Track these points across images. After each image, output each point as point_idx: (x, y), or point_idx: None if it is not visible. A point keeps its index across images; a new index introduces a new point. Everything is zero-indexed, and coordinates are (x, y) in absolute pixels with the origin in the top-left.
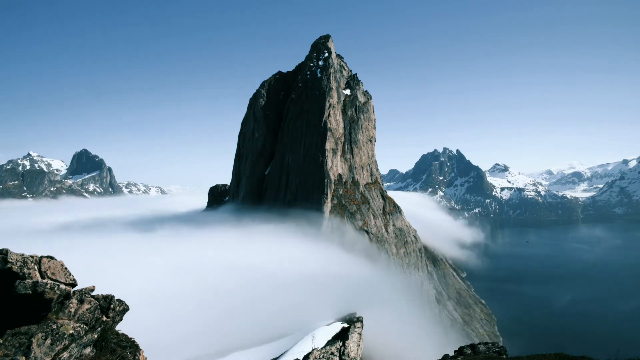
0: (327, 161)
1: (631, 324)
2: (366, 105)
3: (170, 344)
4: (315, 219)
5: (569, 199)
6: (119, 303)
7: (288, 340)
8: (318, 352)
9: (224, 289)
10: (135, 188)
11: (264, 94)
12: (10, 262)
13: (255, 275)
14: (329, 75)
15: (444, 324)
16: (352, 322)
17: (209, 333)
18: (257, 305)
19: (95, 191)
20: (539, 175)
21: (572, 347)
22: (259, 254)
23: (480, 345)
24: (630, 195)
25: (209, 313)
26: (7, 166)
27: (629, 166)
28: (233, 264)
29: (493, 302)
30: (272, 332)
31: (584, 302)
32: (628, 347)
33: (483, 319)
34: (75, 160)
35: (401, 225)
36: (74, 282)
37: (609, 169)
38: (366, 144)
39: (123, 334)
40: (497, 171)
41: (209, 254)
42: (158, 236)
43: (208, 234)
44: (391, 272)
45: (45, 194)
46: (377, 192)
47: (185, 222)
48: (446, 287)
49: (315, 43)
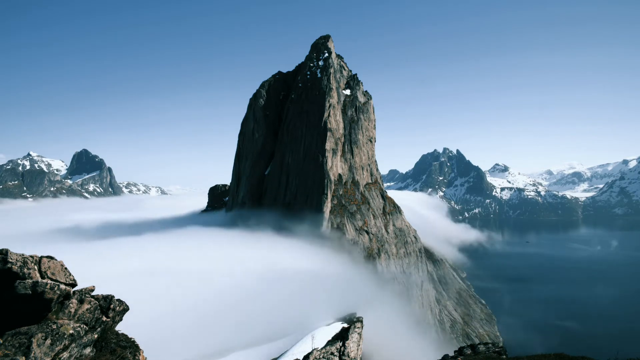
0: (327, 161)
1: (631, 324)
2: (366, 105)
3: (170, 344)
4: (314, 219)
5: (569, 199)
6: (119, 303)
7: (288, 340)
8: (318, 352)
9: (224, 289)
10: (135, 188)
11: (264, 94)
12: (10, 262)
13: (255, 276)
14: (329, 75)
15: (444, 324)
16: (352, 322)
17: (208, 333)
18: (257, 306)
19: (95, 191)
20: (539, 176)
21: (572, 347)
22: (258, 256)
23: (480, 345)
24: (630, 195)
25: (209, 313)
26: (7, 166)
27: (629, 166)
28: (233, 267)
29: (493, 302)
30: (272, 332)
31: (584, 302)
32: (628, 347)
33: (483, 319)
34: (75, 161)
35: (401, 226)
36: (74, 282)
37: (609, 169)
38: (366, 144)
39: (123, 334)
40: (497, 171)
41: (208, 255)
42: (159, 239)
43: (208, 237)
44: (390, 272)
45: (45, 194)
46: (377, 192)
47: (186, 224)
48: (446, 287)
49: (315, 43)
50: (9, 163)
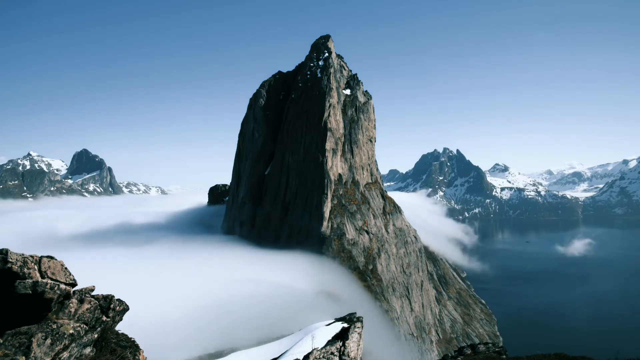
0: (327, 161)
1: (631, 324)
2: (366, 105)
3: (171, 344)
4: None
5: (569, 199)
6: (119, 303)
7: (288, 340)
8: (318, 352)
9: (224, 289)
10: (135, 188)
11: (264, 94)
12: (10, 262)
13: (255, 278)
14: (329, 75)
15: (444, 324)
16: (352, 322)
17: (208, 333)
18: (257, 306)
19: (95, 191)
20: (539, 175)
21: (572, 347)
22: (258, 265)
23: (480, 345)
24: (630, 195)
25: (209, 313)
26: (7, 166)
27: (629, 166)
28: (232, 271)
29: (493, 302)
30: (272, 332)
31: (584, 302)
32: (628, 347)
33: (483, 319)
34: (75, 160)
35: (401, 225)
36: (74, 282)
37: (609, 169)
38: (366, 144)
39: (123, 334)
40: (497, 171)
41: (210, 261)
42: (160, 243)
43: (208, 243)
44: (390, 272)
45: (46, 194)
46: (377, 192)
47: (187, 225)
48: (446, 287)
49: (315, 43)
50: (9, 163)
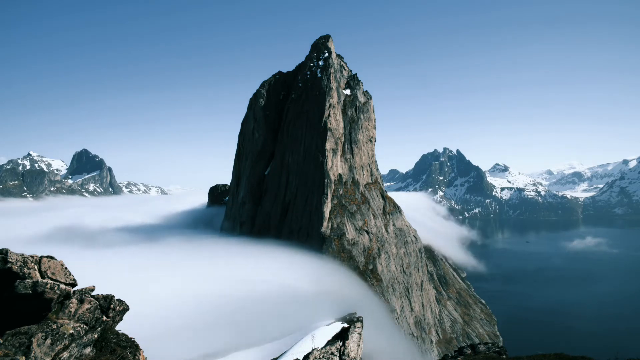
0: (327, 161)
1: (631, 324)
2: (366, 105)
3: (170, 344)
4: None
5: (569, 199)
6: (119, 303)
7: (288, 340)
8: (318, 352)
9: (224, 290)
10: (135, 188)
11: (264, 94)
12: (10, 262)
13: (255, 279)
14: (329, 75)
15: (444, 324)
16: (352, 322)
17: (209, 333)
18: (257, 306)
19: (95, 191)
20: (539, 175)
21: (572, 347)
22: (257, 265)
23: (480, 345)
24: (630, 195)
25: (210, 313)
26: (7, 166)
27: (629, 166)
28: (232, 271)
29: (493, 302)
30: (272, 332)
31: (584, 302)
32: (628, 347)
33: (483, 319)
34: (75, 160)
35: (401, 225)
36: (74, 282)
37: (609, 169)
38: (366, 144)
39: (123, 334)
40: (497, 171)
41: (212, 262)
42: (161, 245)
43: (208, 243)
44: (390, 272)
45: (46, 194)
46: (377, 192)
47: (186, 225)
48: (446, 287)
49: (315, 43)
50: (9, 163)
